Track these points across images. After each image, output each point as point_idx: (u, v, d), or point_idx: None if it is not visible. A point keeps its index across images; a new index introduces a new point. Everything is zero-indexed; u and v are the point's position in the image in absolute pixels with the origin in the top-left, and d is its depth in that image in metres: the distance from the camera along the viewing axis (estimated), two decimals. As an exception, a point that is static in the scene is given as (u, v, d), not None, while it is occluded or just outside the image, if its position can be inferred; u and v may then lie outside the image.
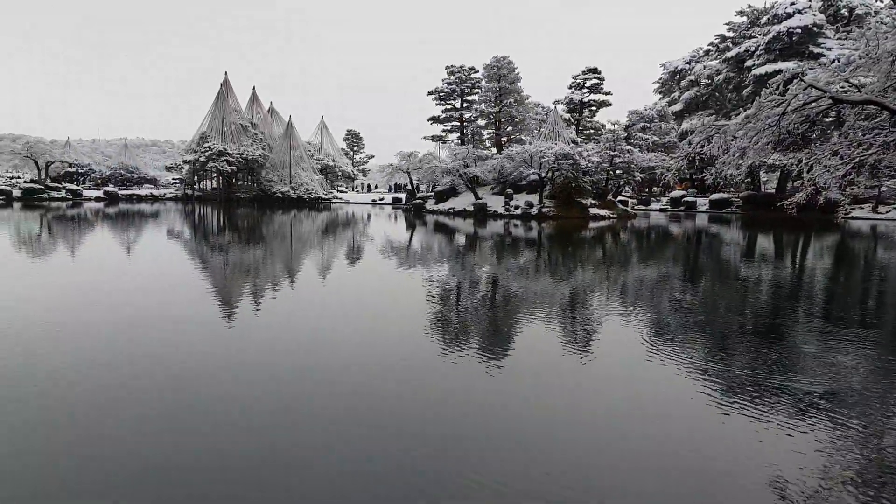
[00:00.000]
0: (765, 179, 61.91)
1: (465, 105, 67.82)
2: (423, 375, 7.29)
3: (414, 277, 16.09)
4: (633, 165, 47.86)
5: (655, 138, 67.63)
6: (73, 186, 72.54)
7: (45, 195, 66.13)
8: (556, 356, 8.18)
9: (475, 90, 66.75)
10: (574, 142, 55.89)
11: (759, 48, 61.22)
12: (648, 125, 69.57)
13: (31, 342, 8.25)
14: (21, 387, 6.50)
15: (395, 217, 48.45)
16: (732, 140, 16.44)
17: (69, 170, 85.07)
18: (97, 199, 68.93)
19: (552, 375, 7.38)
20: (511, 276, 16.21)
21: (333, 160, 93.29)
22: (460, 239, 28.78)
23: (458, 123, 68.67)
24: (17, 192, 64.81)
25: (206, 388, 6.61)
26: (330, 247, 23.99)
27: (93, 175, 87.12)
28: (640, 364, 7.80)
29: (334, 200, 76.40)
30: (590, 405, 6.39)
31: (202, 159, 70.15)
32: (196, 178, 76.00)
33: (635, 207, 58.07)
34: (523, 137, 63.16)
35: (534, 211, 45.06)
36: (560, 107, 67.22)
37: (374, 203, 74.59)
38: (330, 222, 40.16)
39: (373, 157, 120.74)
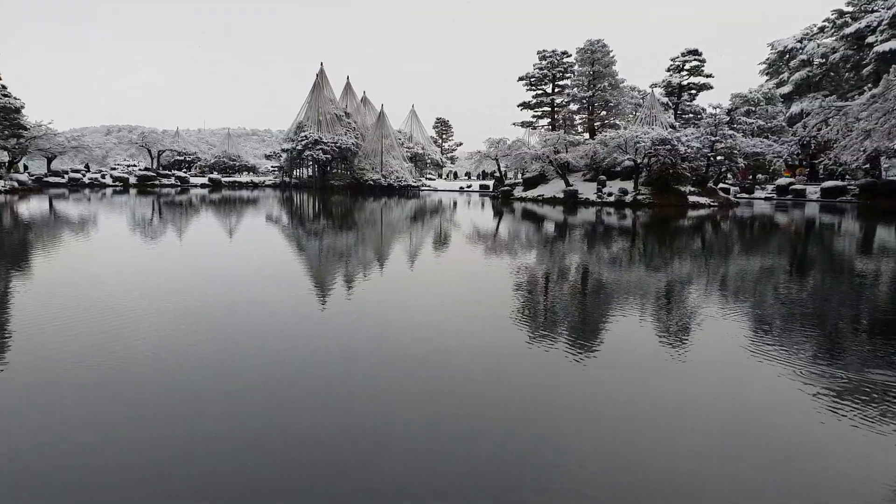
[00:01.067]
0: (886, 166, 57.00)
1: (556, 90, 66.49)
2: (515, 364, 7.09)
3: (501, 265, 15.86)
4: (735, 151, 45.37)
5: (761, 122, 63.76)
6: (182, 174, 76.76)
7: (157, 182, 70.39)
8: (650, 351, 7.76)
9: (567, 75, 65.26)
10: (672, 126, 53.62)
11: (883, 23, 56.34)
12: (753, 108, 65.65)
13: (160, 322, 8.68)
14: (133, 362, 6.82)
15: (483, 204, 48.25)
16: (855, 122, 15.11)
17: (178, 158, 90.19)
18: (202, 186, 72.68)
19: (647, 371, 6.98)
20: (604, 266, 15.68)
21: (423, 148, 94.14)
22: (549, 226, 28.24)
23: (549, 109, 67.45)
24: (132, 180, 69.37)
25: (301, 371, 6.68)
26: (419, 233, 24.12)
27: (198, 163, 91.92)
28: (743, 363, 7.26)
29: (423, 188, 77.08)
30: (686, 404, 5.98)
31: (299, 148, 72.47)
32: (293, 166, 78.65)
33: (738, 195, 55.11)
34: (617, 122, 61.25)
35: (628, 198, 43.64)
36: (657, 90, 64.62)
37: (461, 190, 74.69)
38: (418, 209, 40.49)
39: (461, 144, 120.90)
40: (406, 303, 10.74)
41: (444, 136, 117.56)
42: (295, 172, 79.57)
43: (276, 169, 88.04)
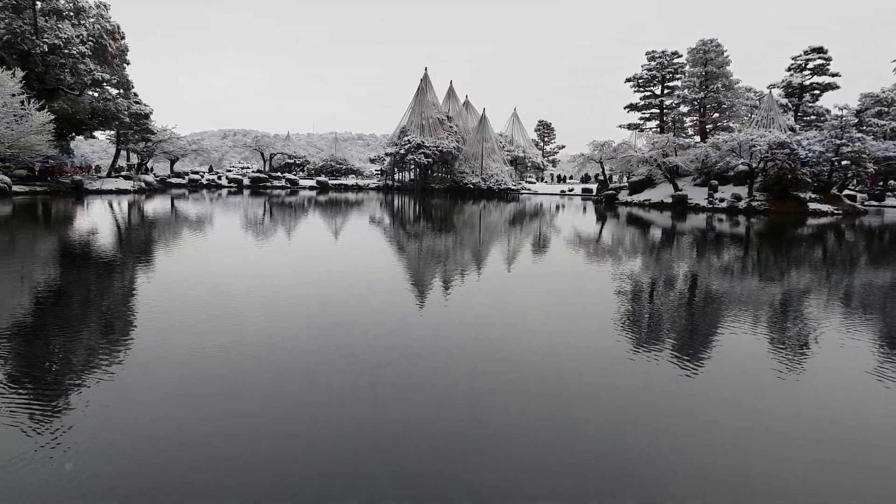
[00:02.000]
0: None
1: (665, 91, 64.04)
2: (612, 373, 6.68)
3: (605, 271, 15.25)
4: (864, 155, 41.81)
5: (895, 124, 58.52)
6: (291, 176, 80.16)
7: (269, 184, 73.87)
8: (764, 368, 7.09)
9: (677, 76, 62.70)
10: (791, 129, 50.23)
11: None
12: (886, 109, 60.35)
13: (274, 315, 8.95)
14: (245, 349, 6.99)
15: (585, 208, 47.11)
16: None
17: (288, 161, 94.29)
18: (310, 188, 75.55)
19: (761, 388, 6.36)
20: (715, 275, 14.74)
21: (524, 151, 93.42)
22: (656, 232, 27.07)
23: (658, 111, 65.07)
24: (246, 181, 73.17)
25: (399, 369, 6.60)
26: (517, 237, 23.77)
27: (307, 166, 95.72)
28: (866, 383, 6.47)
29: (523, 191, 76.40)
30: (800, 425, 5.35)
31: (402, 152, 73.84)
32: (395, 169, 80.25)
33: (865, 203, 50.84)
34: (731, 125, 58.17)
35: (742, 204, 41.24)
36: (776, 91, 60.75)
37: (562, 194, 73.42)
38: (517, 213, 40.06)
39: (563, 147, 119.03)
40: (505, 305, 10.48)
41: (545, 139, 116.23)
42: (397, 175, 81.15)
43: (379, 172, 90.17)
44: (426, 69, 79.19)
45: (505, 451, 4.83)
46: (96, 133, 59.16)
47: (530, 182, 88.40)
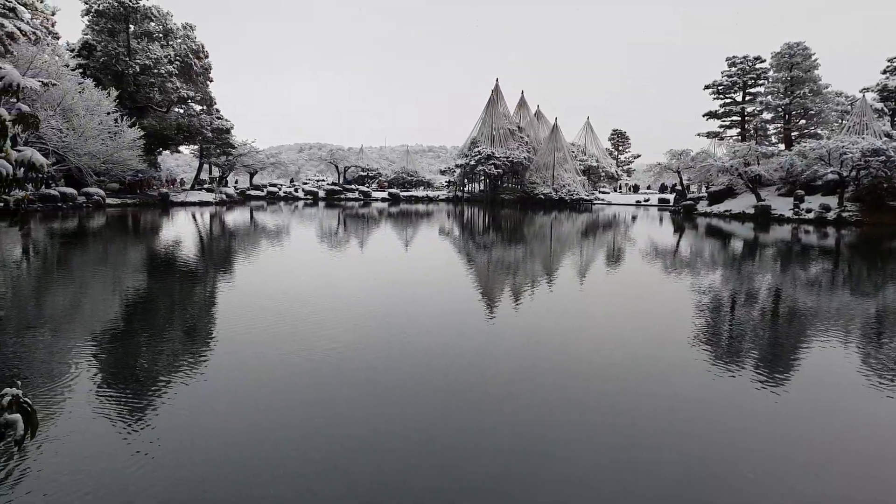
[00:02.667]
0: None
1: (747, 98, 61.55)
2: (690, 389, 6.29)
3: (682, 285, 14.61)
4: (971, 162, 38.67)
5: None
6: (364, 188, 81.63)
7: (342, 196, 75.47)
8: (853, 392, 6.51)
9: (760, 81, 60.16)
10: (888, 135, 47.21)
11: None
12: None
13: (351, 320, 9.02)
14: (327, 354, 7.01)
15: (661, 219, 45.67)
16: None
17: (361, 174, 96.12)
18: (382, 200, 76.68)
19: (847, 411, 5.82)
20: (803, 289, 13.86)
21: (597, 160, 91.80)
22: (737, 245, 25.88)
23: (739, 118, 62.60)
24: (321, 193, 75.01)
25: (467, 380, 6.45)
26: (590, 248, 23.21)
27: (379, 178, 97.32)
28: None
29: (596, 201, 74.99)
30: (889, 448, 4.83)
31: (472, 163, 74.00)
32: (465, 180, 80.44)
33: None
34: (819, 132, 55.34)
35: (831, 215, 38.99)
36: (869, 95, 57.35)
37: (638, 204, 71.57)
38: (590, 223, 39.24)
39: (639, 156, 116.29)
40: (577, 317, 10.16)
41: (619, 148, 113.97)
42: (467, 186, 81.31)
43: (449, 184, 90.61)
44: (497, 80, 79.28)
45: (555, 463, 4.58)
46: (181, 148, 62.05)
47: (604, 192, 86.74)
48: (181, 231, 27.07)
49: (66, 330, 8.82)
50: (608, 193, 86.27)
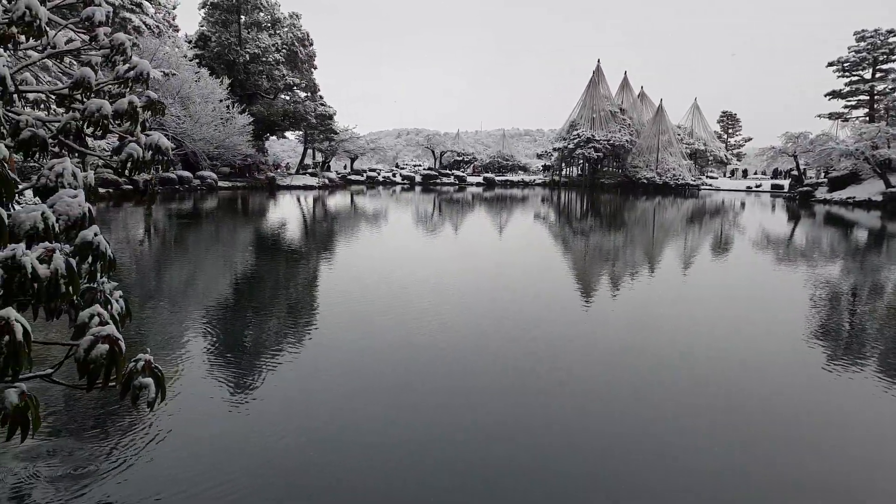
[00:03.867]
0: None
1: (877, 75, 56.63)
2: (804, 390, 5.90)
3: (797, 277, 13.73)
4: None
5: None
6: (459, 173, 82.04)
7: (438, 180, 76.19)
8: None
9: (893, 57, 55.14)
10: None
11: None
12: None
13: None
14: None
15: (774, 206, 43.04)
16: None
17: (457, 158, 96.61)
18: (477, 185, 76.78)
19: None
20: (938, 285, 12.68)
21: (704, 144, 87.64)
22: (861, 234, 24.01)
23: (867, 97, 57.76)
24: (418, 178, 76.10)
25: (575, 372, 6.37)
26: (695, 236, 22.24)
27: (475, 163, 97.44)
28: None
29: (703, 187, 71.66)
30: None
31: (570, 146, 72.63)
32: (563, 164, 79.11)
33: None
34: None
35: (970, 203, 35.41)
36: None
37: (748, 190, 67.77)
38: (696, 210, 37.57)
39: (750, 139, 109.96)
40: (682, 309, 9.78)
41: (729, 131, 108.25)
42: (564, 171, 79.94)
43: (545, 168, 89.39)
44: (598, 61, 77.05)
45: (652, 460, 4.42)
46: (287, 133, 64.66)
47: (711, 177, 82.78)
48: (287, 213, 28.28)
49: (182, 303, 9.44)
50: (716, 178, 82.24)
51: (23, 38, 5.07)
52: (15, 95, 4.97)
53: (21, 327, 2.15)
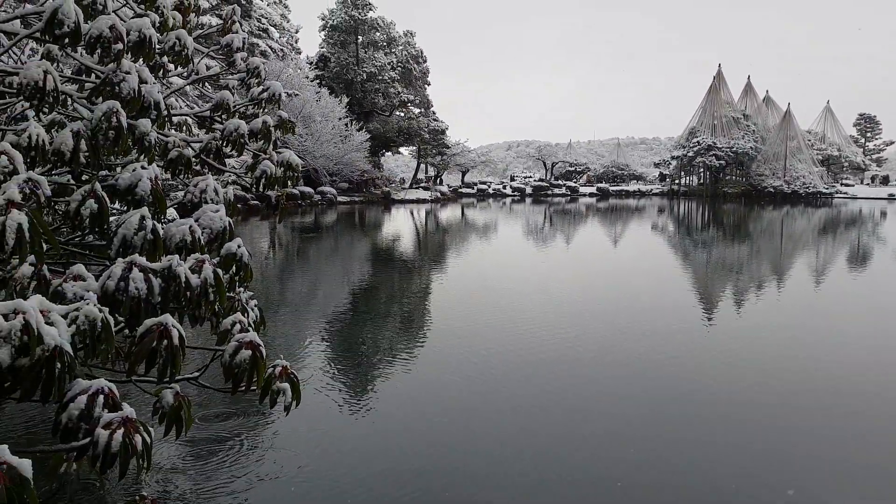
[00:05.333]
0: None
1: None
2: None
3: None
4: None
5: None
6: (571, 183, 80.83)
7: (549, 192, 75.41)
8: None
9: None
10: None
11: None
12: None
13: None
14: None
15: (924, 216, 39.05)
16: None
17: (569, 169, 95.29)
18: (590, 195, 75.24)
19: None
20: None
21: (838, 149, 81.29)
22: None
23: None
24: (528, 190, 75.71)
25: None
26: (828, 249, 20.59)
27: (588, 173, 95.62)
28: None
29: (836, 195, 66.38)
30: None
31: (689, 154, 69.68)
32: (682, 173, 76.01)
33: None
34: None
35: None
36: None
37: (891, 198, 62.05)
38: (829, 220, 34.76)
39: (892, 143, 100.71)
40: (820, 324, 9.06)
41: (867, 135, 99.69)
42: (683, 180, 76.74)
43: (663, 177, 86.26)
44: (720, 66, 73.69)
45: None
46: (401, 149, 66.47)
47: (847, 184, 76.59)
48: (401, 226, 29.03)
49: (305, 311, 9.90)
50: (852, 186, 76.01)
51: (171, 66, 5.56)
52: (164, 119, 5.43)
53: (178, 332, 2.32)
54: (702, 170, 72.55)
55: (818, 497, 4.15)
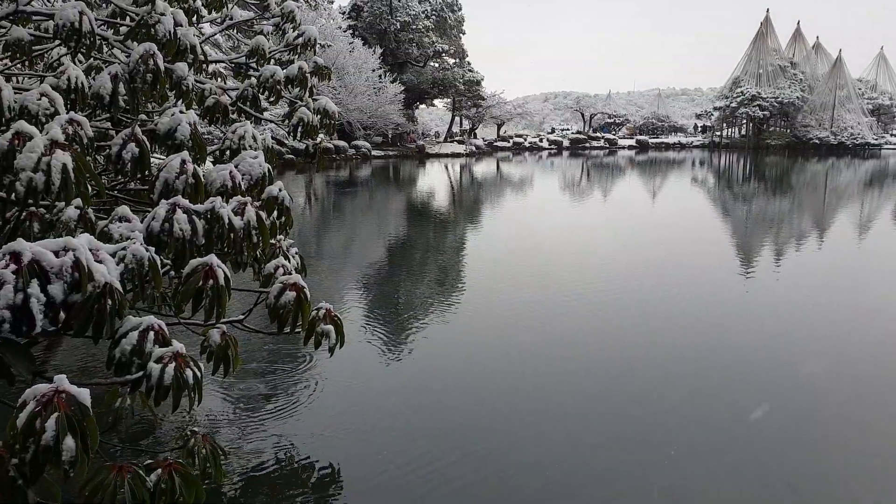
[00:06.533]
0: None
1: None
2: None
3: None
4: None
5: None
6: (610, 136, 79.09)
7: (587, 144, 73.98)
8: None
9: None
10: None
11: None
12: None
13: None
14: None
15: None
16: None
17: (608, 121, 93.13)
18: (629, 148, 73.57)
19: None
20: None
21: (890, 98, 77.67)
22: None
23: None
24: (565, 143, 74.34)
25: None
26: (874, 202, 19.89)
27: (627, 124, 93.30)
28: None
29: (886, 146, 63.73)
30: None
31: (733, 105, 67.43)
32: (724, 124, 73.74)
33: None
34: None
35: None
36: None
37: (947, 150, 59.34)
38: (877, 172, 33.44)
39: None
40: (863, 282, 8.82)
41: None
42: (725, 131, 74.50)
43: (704, 129, 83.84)
44: (767, 10, 70.42)
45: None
46: (435, 101, 65.62)
47: (896, 135, 73.41)
48: (436, 181, 28.90)
49: (343, 262, 9.99)
50: (902, 137, 72.80)
51: (205, 11, 5.48)
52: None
53: (223, 273, 2.32)
54: (745, 121, 70.26)
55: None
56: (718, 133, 74.82)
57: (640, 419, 4.43)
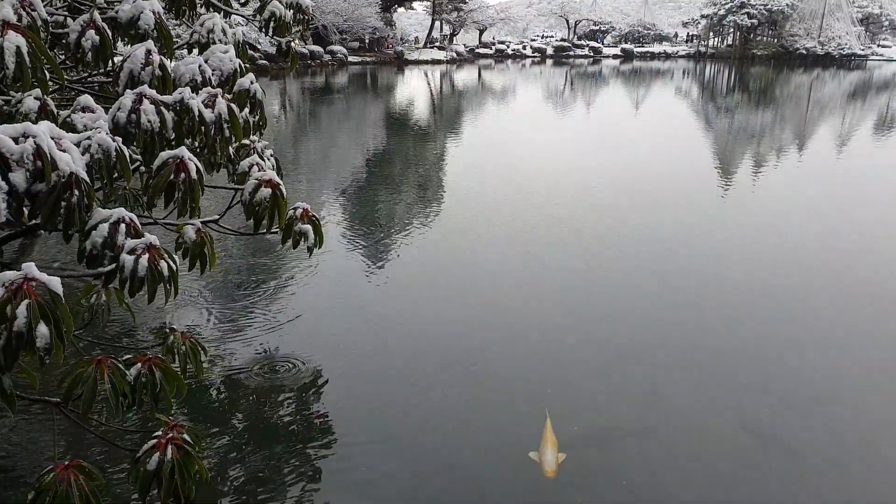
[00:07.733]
0: None
1: None
2: None
3: None
4: None
5: None
6: (594, 44, 77.05)
7: (571, 53, 72.10)
8: None
9: None
10: None
11: None
12: None
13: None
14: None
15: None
16: None
17: (593, 28, 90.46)
18: (614, 57, 71.91)
19: None
20: None
21: (880, 6, 76.05)
22: None
23: None
24: (549, 51, 72.35)
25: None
26: (855, 115, 19.86)
27: (612, 33, 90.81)
28: None
29: (872, 57, 63.02)
30: None
31: (720, 13, 65.70)
32: (711, 34, 72.09)
33: None
34: None
35: None
36: None
37: (930, 62, 58.86)
38: (861, 84, 33.20)
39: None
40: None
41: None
42: (712, 41, 72.93)
43: (690, 38, 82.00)
44: (761, -90, 67.27)
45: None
46: (415, 4, 63.07)
47: (884, 46, 72.52)
48: (415, 89, 28.15)
49: (321, 173, 9.83)
50: (889, 48, 71.98)
51: None
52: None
53: (195, 166, 2.24)
54: (732, 30, 68.71)
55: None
56: (704, 43, 73.30)
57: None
